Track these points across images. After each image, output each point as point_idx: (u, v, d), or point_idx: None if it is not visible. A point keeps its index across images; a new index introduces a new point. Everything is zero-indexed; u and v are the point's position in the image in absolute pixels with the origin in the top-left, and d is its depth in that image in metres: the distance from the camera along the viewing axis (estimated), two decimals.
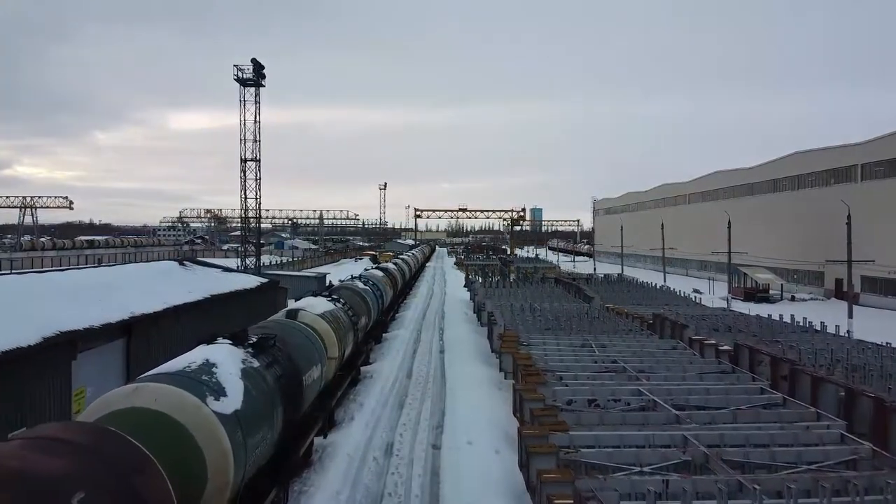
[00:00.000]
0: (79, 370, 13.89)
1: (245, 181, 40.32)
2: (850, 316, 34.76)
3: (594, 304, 33.51)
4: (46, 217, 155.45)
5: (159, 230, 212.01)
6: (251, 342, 10.94)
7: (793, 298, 49.64)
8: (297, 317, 15.12)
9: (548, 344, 21.45)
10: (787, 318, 32.92)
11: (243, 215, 41.84)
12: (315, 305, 16.39)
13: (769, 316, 28.58)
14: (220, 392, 8.67)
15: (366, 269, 34.12)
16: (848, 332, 29.78)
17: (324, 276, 49.12)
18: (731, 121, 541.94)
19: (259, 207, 41.44)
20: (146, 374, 8.86)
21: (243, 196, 40.57)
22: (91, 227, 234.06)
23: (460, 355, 24.77)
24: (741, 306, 44.35)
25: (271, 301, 26.98)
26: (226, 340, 10.69)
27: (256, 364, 10.28)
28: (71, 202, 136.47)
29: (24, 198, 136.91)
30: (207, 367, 9.17)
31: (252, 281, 25.64)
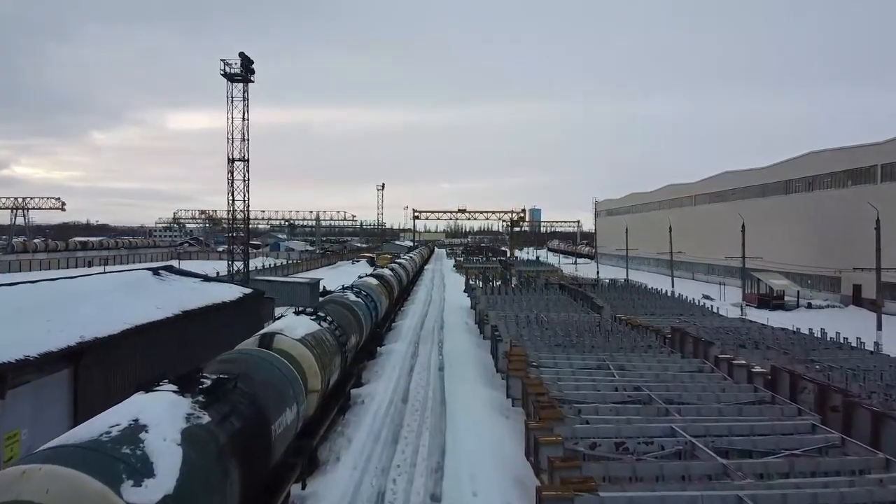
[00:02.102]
0: (10, 410, 11.65)
1: (233, 182, 38.10)
2: (879, 327, 32.55)
3: (605, 314, 31.33)
4: (42, 218, 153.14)
5: (155, 231, 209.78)
6: (203, 387, 8.73)
7: (809, 305, 47.45)
8: (273, 343, 12.88)
9: (559, 364, 19.31)
10: (805, 327, 30.81)
11: (230, 217, 39.51)
12: (295, 327, 14.17)
13: (797, 329, 26.40)
14: (144, 471, 6.45)
15: (359, 277, 31.88)
16: (876, 344, 27.60)
17: (317, 281, 46.71)
18: (731, 121, 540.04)
19: (247, 209, 39.21)
20: (46, 446, 6.61)
21: (231, 198, 38.34)
22: (88, 228, 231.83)
23: (461, 374, 22.54)
24: (755, 313, 42.24)
25: (255, 314, 24.73)
26: (169, 387, 8.48)
27: (206, 419, 8.05)
28: (63, 203, 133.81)
29: (15, 199, 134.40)
30: (133, 431, 6.96)
31: (233, 292, 23.36)
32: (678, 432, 12.81)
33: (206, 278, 24.91)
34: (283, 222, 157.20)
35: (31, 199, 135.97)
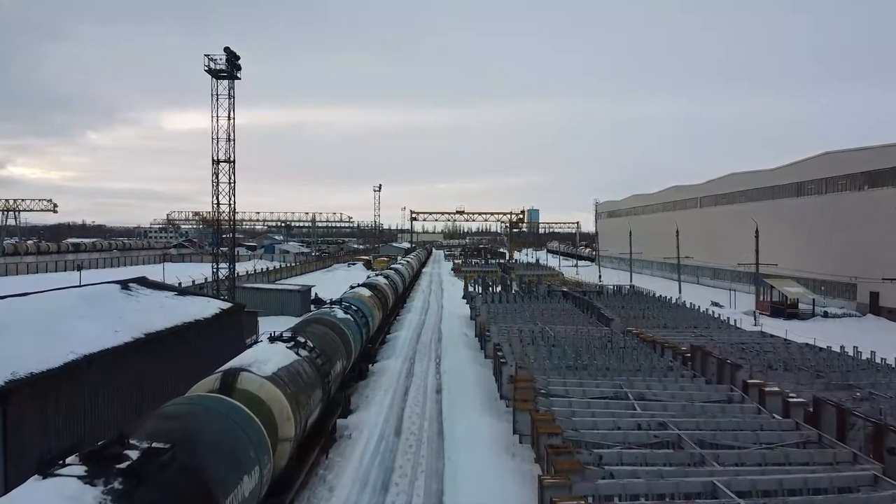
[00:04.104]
0: None
1: (218, 184, 35.87)
2: None
3: (614, 327, 29.22)
4: (38, 219, 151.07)
5: (150, 232, 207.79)
6: (123, 466, 6.61)
7: (825, 314, 45.33)
8: (236, 384, 10.77)
9: (571, 392, 17.21)
10: (825, 339, 28.83)
11: (216, 220, 37.18)
12: (266, 359, 12.04)
13: (828, 347, 24.24)
14: None
15: (351, 287, 29.75)
16: None
17: (308, 289, 44.45)
18: (729, 121, 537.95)
19: (233, 212, 36.91)
20: None
21: (216, 201, 36.06)
22: (84, 228, 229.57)
23: (461, 399, 20.40)
24: (770, 322, 40.23)
25: (235, 332, 22.54)
26: (76, 469, 6.39)
27: None
28: (55, 205, 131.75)
29: (6, 200, 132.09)
30: None
31: (211, 307, 21.18)
32: (721, 490, 10.71)
33: (182, 291, 22.77)
34: (278, 223, 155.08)
35: (23, 200, 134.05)
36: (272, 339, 13.94)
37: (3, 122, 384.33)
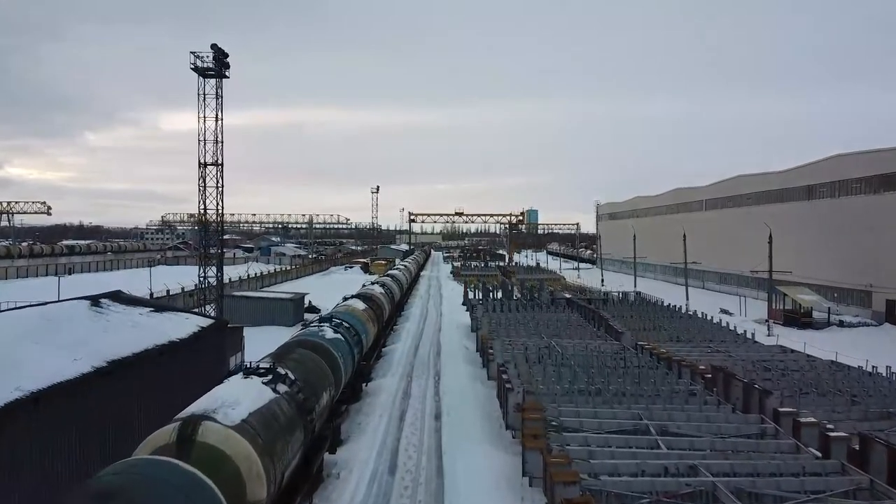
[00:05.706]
0: None
1: (205, 188, 34.05)
2: None
3: (625, 341, 27.49)
4: (35, 220, 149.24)
5: (147, 233, 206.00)
6: None
7: (841, 323, 43.57)
8: (196, 436, 9.01)
9: (586, 424, 15.48)
10: (846, 352, 27.41)
11: (203, 223, 35.28)
12: (236, 401, 10.32)
13: (858, 367, 22.56)
14: None
15: (344, 299, 28.04)
16: None
17: (301, 296, 42.63)
18: (730, 121, 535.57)
19: (221, 217, 35.07)
20: None
21: (203, 207, 34.28)
22: (80, 230, 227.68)
23: (462, 427, 18.68)
24: (784, 333, 38.60)
25: (216, 352, 20.76)
26: None
27: None
28: (49, 207, 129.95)
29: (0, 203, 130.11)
30: None
31: (188, 326, 19.40)
32: None
33: (159, 307, 21.00)
34: (276, 225, 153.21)
35: (17, 202, 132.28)
36: (247, 373, 12.19)
37: (2, 122, 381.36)
